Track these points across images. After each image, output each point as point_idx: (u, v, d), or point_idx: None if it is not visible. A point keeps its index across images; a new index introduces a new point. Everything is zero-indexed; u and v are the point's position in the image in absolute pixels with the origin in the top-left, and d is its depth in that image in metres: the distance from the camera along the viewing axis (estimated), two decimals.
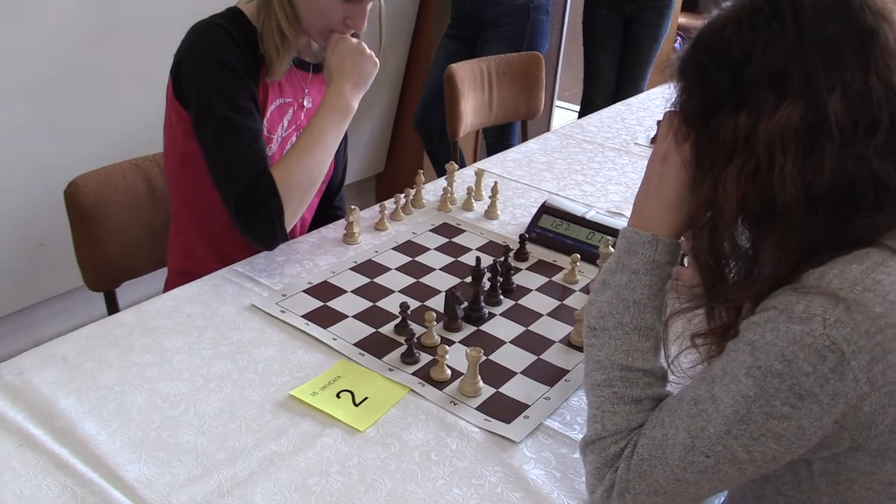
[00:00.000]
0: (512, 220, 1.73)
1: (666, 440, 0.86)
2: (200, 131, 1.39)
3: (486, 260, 1.49)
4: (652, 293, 0.93)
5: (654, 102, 2.66)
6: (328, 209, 1.78)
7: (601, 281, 0.97)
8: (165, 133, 1.54)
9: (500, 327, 1.34)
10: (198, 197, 1.53)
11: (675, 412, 0.87)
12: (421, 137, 3.27)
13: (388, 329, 1.31)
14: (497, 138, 3.28)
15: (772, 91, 0.82)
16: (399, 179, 3.74)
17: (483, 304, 1.36)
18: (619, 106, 2.61)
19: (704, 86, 0.86)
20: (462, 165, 2.53)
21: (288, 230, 1.40)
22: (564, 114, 4.95)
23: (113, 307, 1.65)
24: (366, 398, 1.15)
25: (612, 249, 1.46)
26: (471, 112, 2.70)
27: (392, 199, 1.71)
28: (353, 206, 1.58)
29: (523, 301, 1.42)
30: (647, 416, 0.90)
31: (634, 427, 0.90)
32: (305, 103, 1.57)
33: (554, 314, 1.39)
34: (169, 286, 1.62)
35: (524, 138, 2.96)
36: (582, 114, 3.67)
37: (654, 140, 2.26)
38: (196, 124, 1.40)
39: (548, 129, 4.30)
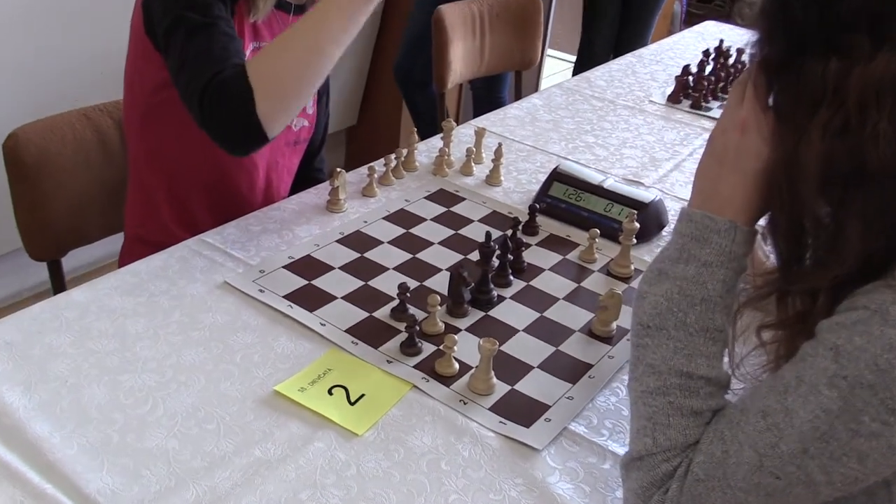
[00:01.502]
0: (517, 188, 1.68)
1: (727, 458, 0.81)
2: (170, 49, 1.29)
3: (494, 234, 1.43)
4: (725, 289, 0.88)
5: (668, 54, 2.60)
6: (308, 172, 1.71)
7: (656, 270, 0.91)
8: (127, 78, 1.45)
9: (511, 313, 1.29)
10: (165, 153, 1.46)
11: (738, 425, 0.82)
12: (400, 88, 3.19)
13: (383, 313, 1.26)
14: (485, 91, 3.20)
15: (867, 34, 0.77)
16: (374, 135, 3.67)
17: (492, 286, 1.31)
18: (628, 58, 2.55)
19: (788, 25, 0.81)
20: (456, 121, 2.45)
21: (270, 132, 1.23)
22: (556, 63, 4.88)
23: (58, 278, 1.57)
24: (362, 395, 1.10)
25: (637, 225, 1.41)
26: (460, 60, 2.62)
27: (381, 161, 1.64)
28: (339, 169, 1.51)
29: (535, 282, 1.38)
30: (704, 430, 0.85)
31: (691, 443, 0.85)
32: None
33: (571, 298, 1.35)
34: (125, 253, 1.55)
35: (517, 92, 2.90)
36: (579, 64, 3.61)
37: (670, 98, 2.20)
38: (165, 46, 1.30)
39: (538, 80, 4.23)
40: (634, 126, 2.05)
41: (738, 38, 2.57)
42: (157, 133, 1.45)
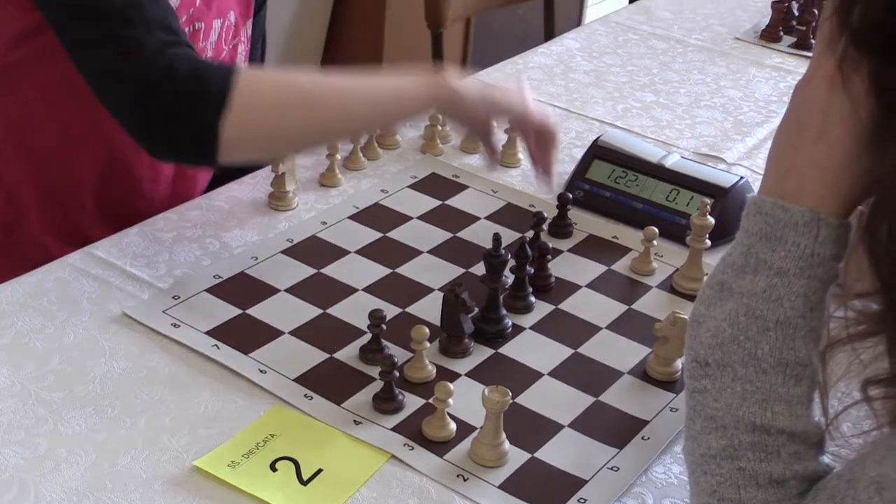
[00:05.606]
0: None
1: None
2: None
3: (507, 237, 1.46)
4: (808, 307, 0.90)
5: None
6: None
7: (716, 284, 0.94)
8: None
9: (532, 350, 1.32)
10: (32, 130, 1.50)
11: (842, 503, 0.85)
12: None
13: (349, 354, 1.29)
14: None
15: None
16: None
17: (504, 312, 1.34)
18: None
19: None
20: None
21: (224, 156, 1.32)
22: None
23: None
24: (319, 471, 1.13)
25: (711, 220, 1.44)
26: None
27: None
28: None
29: (567, 305, 1.41)
30: None
31: None
32: None
33: (618, 326, 1.38)
34: None
35: (549, 29, 2.93)
36: None
37: (766, 34, 2.23)
38: None
39: (581, 10, 4.27)
40: (713, 76, 2.07)
41: None
42: (20, 103, 1.49)
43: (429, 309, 1.37)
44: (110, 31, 1.31)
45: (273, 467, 1.12)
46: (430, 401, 1.19)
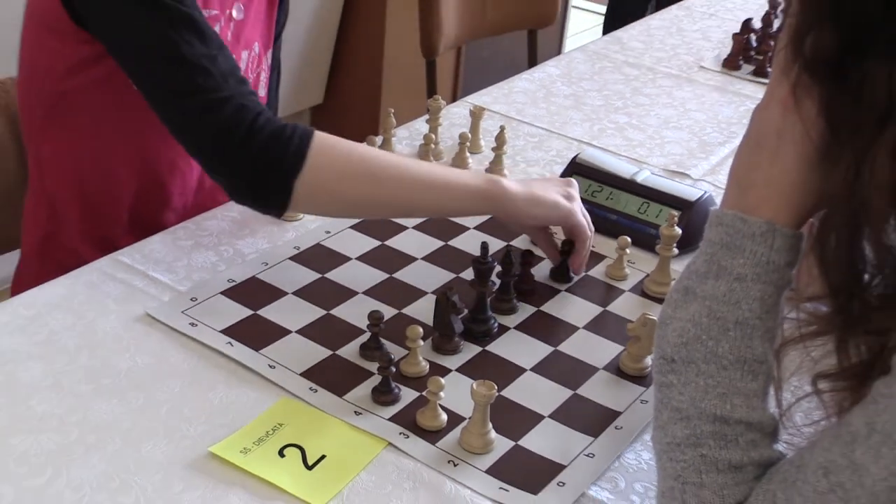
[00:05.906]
0: None
1: None
2: (127, 30, 1.35)
3: (494, 245, 1.47)
4: (764, 310, 0.92)
5: (725, 5, 2.66)
6: None
7: (682, 288, 0.96)
8: (24, 59, 1.51)
9: (516, 347, 1.33)
10: (79, 153, 1.52)
11: (793, 485, 0.86)
12: None
13: (350, 351, 1.30)
14: None
15: None
16: (344, 116, 3.70)
17: (491, 313, 1.35)
18: (673, 10, 2.60)
19: (841, 14, 0.84)
20: (453, 97, 2.50)
21: (293, 207, 1.35)
22: (584, 17, 4.94)
23: None
24: (323, 457, 1.14)
25: (678, 230, 1.45)
26: (454, 16, 2.67)
27: None
28: None
29: (548, 307, 1.42)
30: (748, 490, 0.90)
31: None
32: (234, 13, 1.55)
33: (594, 327, 1.39)
34: (22, 277, 1.60)
35: (532, 57, 2.94)
36: (610, 19, 3.66)
37: (727, 62, 2.25)
38: (108, 24, 1.36)
39: (561, 41, 4.28)
40: (680, 100, 2.09)
41: None
42: (70, 128, 1.51)
43: (423, 310, 1.38)
44: (193, 81, 1.32)
45: (281, 453, 1.13)
46: (424, 394, 1.20)
